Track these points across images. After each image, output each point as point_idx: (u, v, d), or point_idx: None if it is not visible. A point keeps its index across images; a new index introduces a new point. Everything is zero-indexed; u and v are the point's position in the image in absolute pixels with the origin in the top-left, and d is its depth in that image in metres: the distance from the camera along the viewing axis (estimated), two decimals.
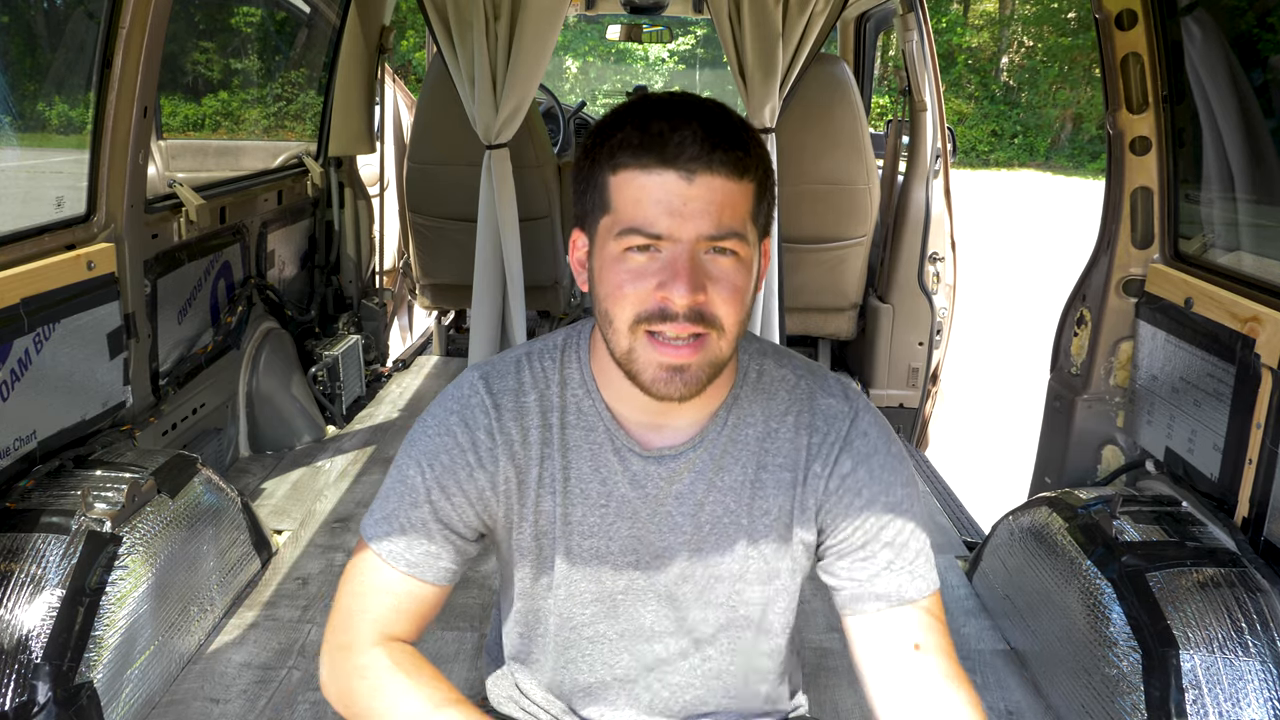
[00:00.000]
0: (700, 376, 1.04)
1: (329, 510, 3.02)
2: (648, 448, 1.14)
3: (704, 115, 1.02)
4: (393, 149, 5.06)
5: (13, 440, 2.07)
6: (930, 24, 4.07)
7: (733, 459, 1.15)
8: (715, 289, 1.02)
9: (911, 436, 4.41)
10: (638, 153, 1.01)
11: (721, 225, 1.01)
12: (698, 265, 1.01)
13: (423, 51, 12.27)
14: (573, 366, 1.17)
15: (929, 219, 4.11)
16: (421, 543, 1.14)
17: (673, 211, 1.00)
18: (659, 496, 1.15)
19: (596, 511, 1.15)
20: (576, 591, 1.18)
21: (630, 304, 1.03)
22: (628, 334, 1.03)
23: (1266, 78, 2.25)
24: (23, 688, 1.70)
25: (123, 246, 2.44)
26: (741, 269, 1.04)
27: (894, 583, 1.12)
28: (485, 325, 3.71)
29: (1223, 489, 2.09)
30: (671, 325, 1.01)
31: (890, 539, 1.13)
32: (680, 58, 19.90)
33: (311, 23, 4.14)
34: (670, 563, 1.17)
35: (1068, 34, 20.77)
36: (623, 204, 1.02)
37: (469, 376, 1.19)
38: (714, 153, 1.00)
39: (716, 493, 1.15)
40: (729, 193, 1.01)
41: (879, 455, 1.15)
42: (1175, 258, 2.46)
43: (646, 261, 1.02)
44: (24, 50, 2.60)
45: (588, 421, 1.15)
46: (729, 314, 1.03)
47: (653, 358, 1.03)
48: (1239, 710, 1.70)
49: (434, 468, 1.14)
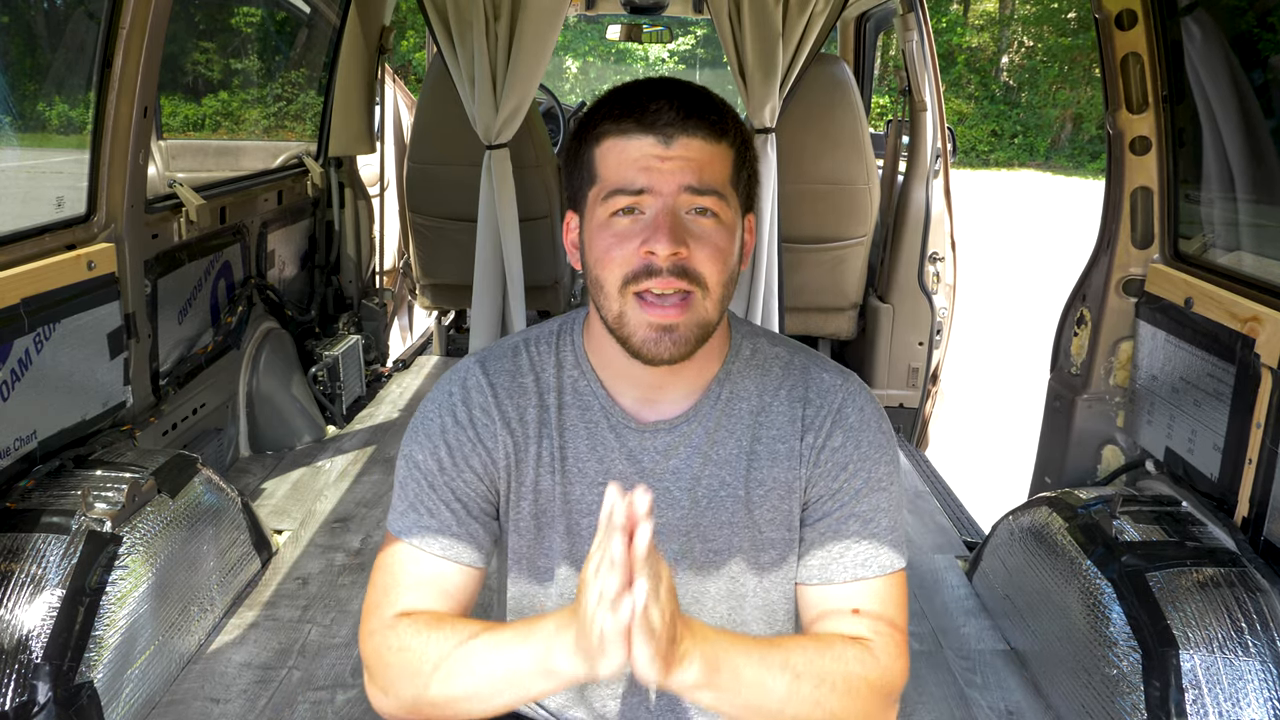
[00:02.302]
0: (689, 336, 1.07)
1: (329, 510, 3.02)
2: (642, 422, 1.17)
3: (680, 88, 1.09)
4: (393, 149, 5.06)
5: (13, 440, 2.07)
6: (930, 24, 4.07)
7: (727, 432, 1.18)
8: (697, 245, 1.06)
9: (911, 436, 4.41)
10: (618, 120, 1.07)
11: (702, 180, 1.06)
12: (679, 221, 1.06)
13: (423, 51, 12.27)
14: (568, 349, 1.20)
15: (929, 219, 4.11)
16: (450, 523, 1.16)
17: (652, 169, 1.05)
18: (656, 472, 1.17)
19: (594, 489, 1.17)
20: (576, 570, 1.18)
21: (617, 265, 1.07)
22: (617, 297, 1.07)
23: (1266, 78, 2.25)
24: (23, 687, 1.70)
25: (123, 246, 2.44)
26: (723, 230, 1.08)
27: (858, 558, 1.15)
28: (485, 325, 3.71)
29: (1223, 489, 2.09)
30: (657, 281, 1.05)
31: (862, 512, 1.16)
32: (680, 58, 19.90)
33: (311, 23, 4.14)
34: (669, 538, 1.18)
35: (1068, 34, 20.77)
36: (606, 170, 1.08)
37: (466, 362, 1.22)
38: (689, 119, 1.06)
39: (712, 466, 1.17)
40: (707, 152, 1.07)
41: (868, 431, 1.18)
42: (1175, 258, 2.46)
43: (630, 223, 1.07)
44: (24, 50, 2.61)
45: (583, 400, 1.18)
46: (712, 272, 1.07)
47: (642, 318, 1.07)
48: (1239, 710, 1.70)
49: (441, 447, 1.17)
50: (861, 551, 1.15)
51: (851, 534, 1.15)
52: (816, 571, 1.16)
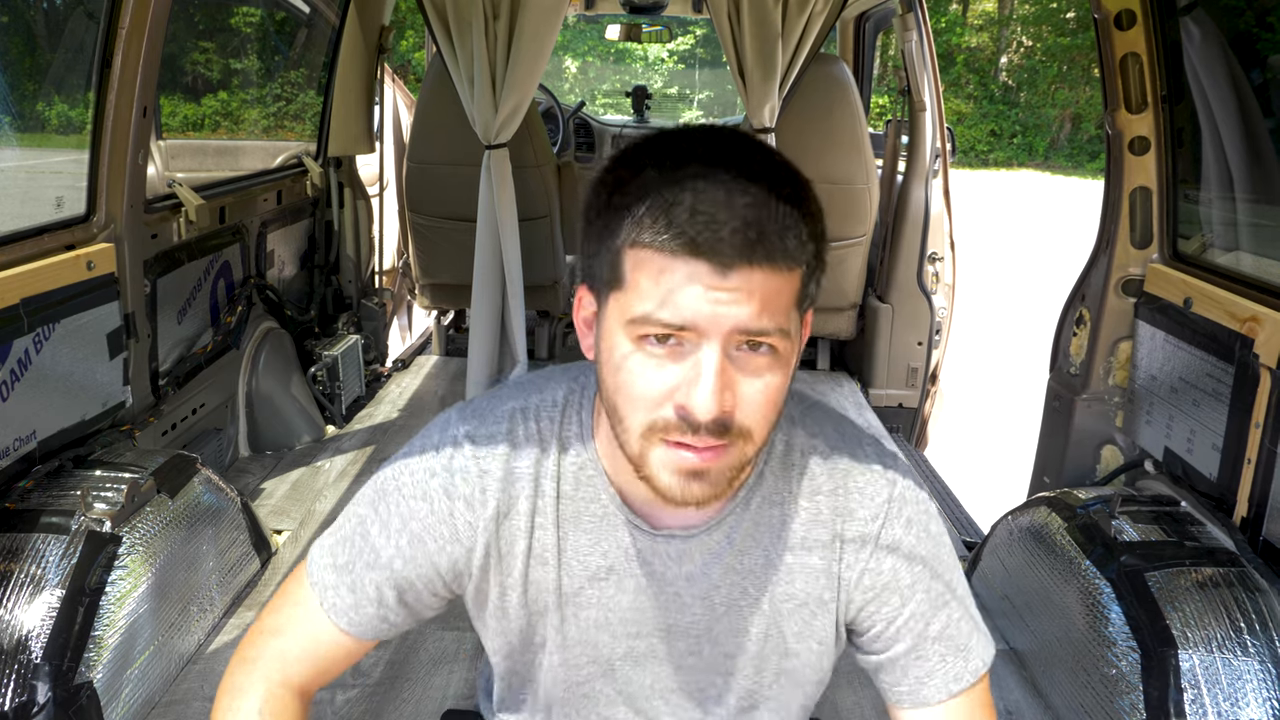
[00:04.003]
0: (722, 480, 0.89)
1: (329, 510, 3.02)
2: (657, 526, 1.01)
3: (750, 192, 0.81)
4: (392, 149, 5.06)
5: (12, 440, 2.07)
6: (930, 24, 4.07)
7: (754, 541, 1.02)
8: (746, 394, 0.85)
9: (910, 436, 4.41)
10: (660, 233, 0.82)
11: (760, 322, 0.82)
12: (727, 371, 0.83)
13: (423, 51, 12.27)
14: (572, 429, 1.02)
15: (928, 219, 4.12)
16: (372, 605, 1.03)
17: (700, 304, 0.81)
18: (666, 576, 1.03)
19: (595, 584, 1.04)
20: (571, 656, 1.08)
21: (643, 409, 0.86)
22: (639, 439, 0.88)
23: (1266, 78, 2.26)
24: (23, 688, 1.70)
25: (122, 246, 2.44)
26: (779, 367, 0.86)
27: (949, 674, 1.03)
28: (485, 325, 3.71)
29: (1221, 489, 2.09)
30: (693, 437, 0.85)
31: (938, 632, 1.02)
32: (680, 58, 19.90)
33: (311, 23, 4.14)
34: (677, 639, 1.06)
35: (1066, 34, 20.78)
36: (638, 285, 0.84)
37: (454, 430, 1.03)
38: (758, 245, 0.81)
39: (734, 576, 1.03)
40: (773, 284, 0.83)
41: (921, 543, 1.02)
42: (1174, 258, 2.47)
43: (665, 355, 0.84)
44: (24, 50, 2.61)
45: (588, 493, 1.01)
46: (759, 423, 0.87)
47: (669, 463, 0.87)
48: (1238, 710, 1.70)
49: (402, 535, 1.01)
50: (951, 669, 1.02)
51: (934, 656, 1.02)
52: (907, 695, 1.04)
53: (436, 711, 2.04)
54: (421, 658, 2.25)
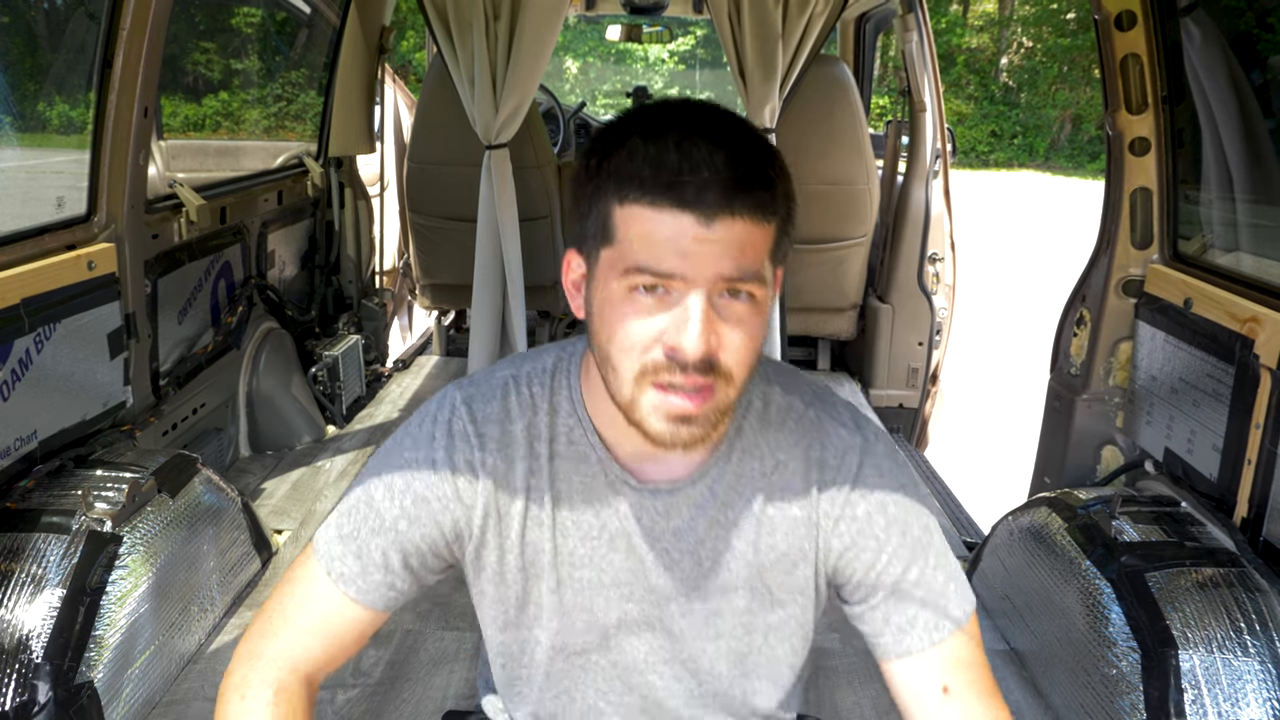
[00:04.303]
0: (707, 423, 0.96)
1: (329, 510, 3.01)
2: (643, 480, 1.07)
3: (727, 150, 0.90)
4: (393, 149, 5.06)
5: (13, 440, 2.07)
6: (930, 24, 4.07)
7: (736, 494, 1.08)
8: (728, 337, 0.93)
9: (911, 436, 4.41)
10: (648, 188, 0.90)
11: (741, 268, 0.91)
12: (711, 314, 0.92)
13: (423, 51, 12.26)
14: (563, 393, 1.09)
15: (929, 219, 4.12)
16: (379, 571, 1.07)
17: (686, 252, 0.90)
18: (655, 532, 1.08)
19: (588, 543, 1.09)
20: (567, 623, 1.11)
21: (635, 353, 0.94)
22: (631, 384, 0.95)
23: (1266, 78, 2.26)
24: (23, 687, 1.70)
25: (123, 246, 2.44)
26: (756, 312, 0.95)
27: (928, 623, 1.07)
28: (485, 325, 3.72)
29: (1222, 489, 2.09)
30: (681, 376, 0.92)
31: (917, 577, 1.07)
32: (680, 58, 19.90)
33: (311, 23, 4.14)
34: (668, 599, 1.10)
35: (1067, 35, 20.79)
36: (628, 239, 0.92)
37: (451, 397, 1.10)
38: (736, 196, 0.90)
39: (719, 529, 1.08)
40: (752, 234, 0.91)
41: (894, 491, 1.08)
42: (1174, 258, 2.47)
43: (654, 304, 0.92)
44: (25, 50, 2.61)
45: (579, 452, 1.08)
46: (740, 364, 0.95)
47: (658, 407, 0.95)
48: (1238, 710, 1.70)
49: (406, 495, 1.06)
50: (930, 617, 1.06)
51: (914, 602, 1.07)
52: (892, 645, 1.08)
53: (436, 711, 2.04)
54: (421, 658, 2.25)
